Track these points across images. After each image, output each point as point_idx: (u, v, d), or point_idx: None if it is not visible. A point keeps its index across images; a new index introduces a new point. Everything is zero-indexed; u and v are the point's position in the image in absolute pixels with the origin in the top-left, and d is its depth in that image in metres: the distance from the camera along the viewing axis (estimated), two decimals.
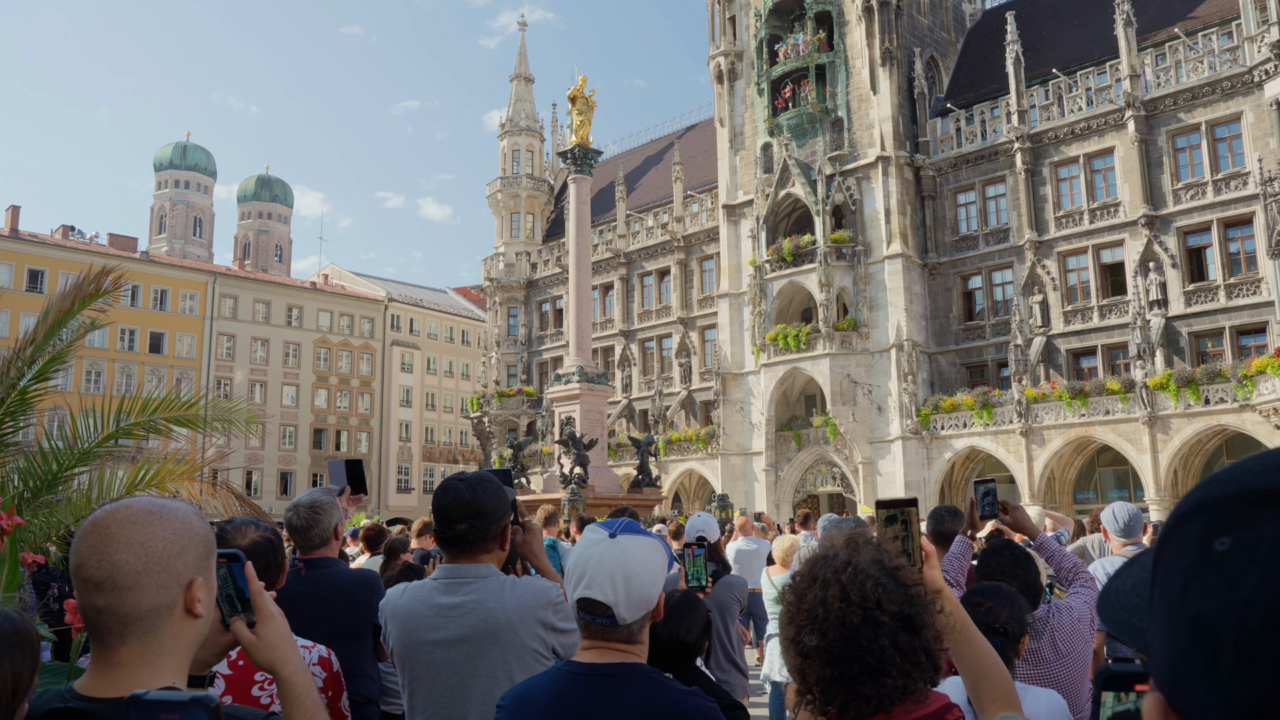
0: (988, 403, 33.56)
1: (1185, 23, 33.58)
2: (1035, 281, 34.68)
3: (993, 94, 37.30)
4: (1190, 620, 0.64)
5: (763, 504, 36.99)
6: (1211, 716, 0.62)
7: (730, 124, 42.50)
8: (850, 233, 37.22)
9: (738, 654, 6.56)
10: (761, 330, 38.54)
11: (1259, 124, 30.57)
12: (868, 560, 1.83)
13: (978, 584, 3.62)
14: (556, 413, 26.11)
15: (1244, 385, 28.43)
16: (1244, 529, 0.63)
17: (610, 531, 2.26)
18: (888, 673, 1.74)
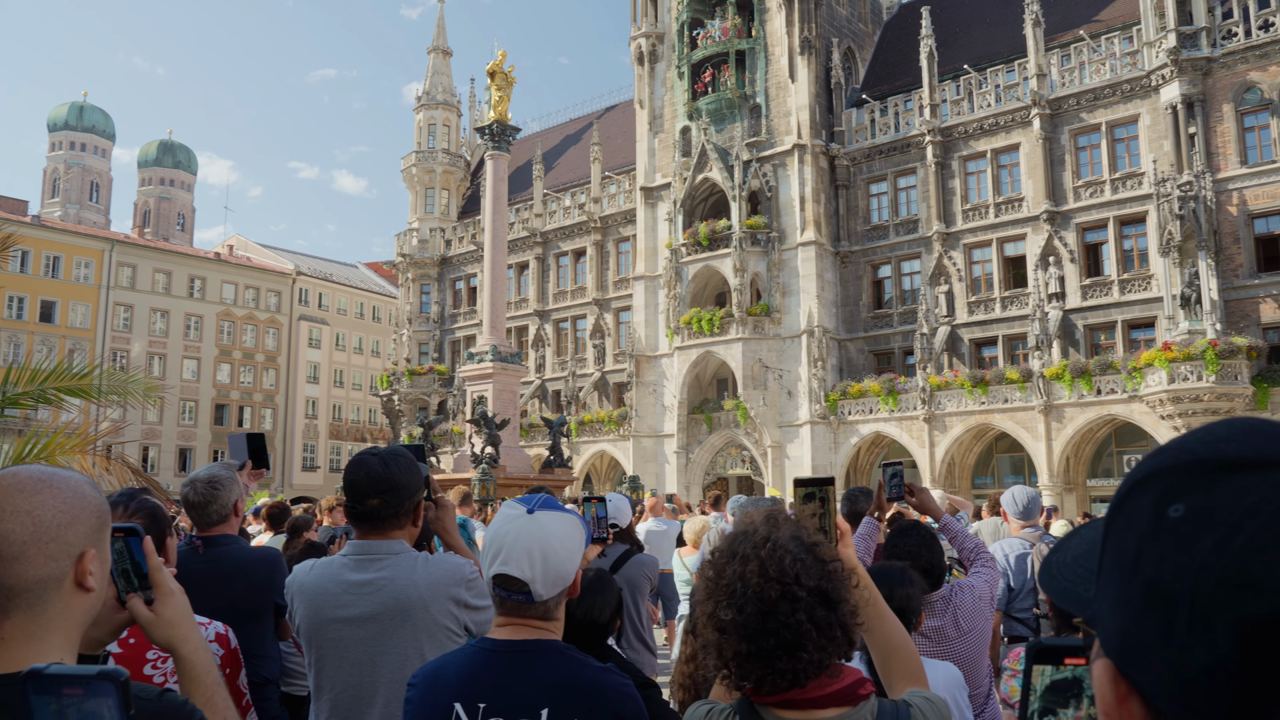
0: (893, 389, 34.38)
1: (1090, 25, 34.72)
2: (942, 272, 35.59)
3: (906, 87, 38.04)
4: (1144, 586, 0.65)
5: (673, 486, 37.29)
6: (1163, 681, 0.63)
7: (650, 106, 42.47)
8: (765, 219, 37.63)
9: (647, 633, 6.60)
10: (676, 313, 38.74)
11: (1154, 126, 31.84)
12: (787, 536, 1.84)
13: (875, 564, 3.70)
14: (468, 392, 25.83)
15: (1133, 377, 29.69)
16: (1197, 496, 0.65)
17: (528, 507, 2.24)
18: (804, 647, 1.75)
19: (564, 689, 2.15)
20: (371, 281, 75.43)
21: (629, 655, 6.20)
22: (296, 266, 68.92)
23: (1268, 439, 0.66)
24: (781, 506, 2.06)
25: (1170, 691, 0.63)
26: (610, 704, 2.17)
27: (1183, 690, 0.62)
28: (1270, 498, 0.62)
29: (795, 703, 1.80)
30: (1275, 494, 0.63)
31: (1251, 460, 0.65)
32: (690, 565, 9.16)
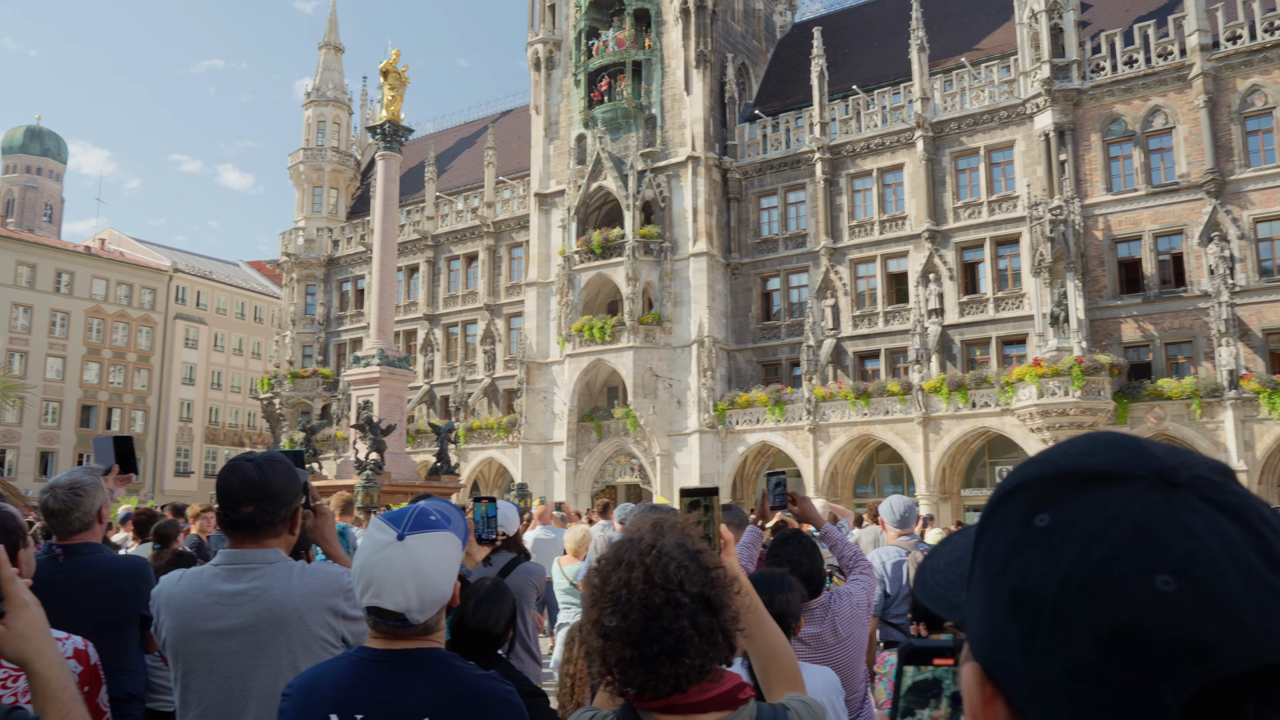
0: (780, 400, 35.07)
1: (971, 53, 36.20)
2: (828, 286, 36.50)
3: (798, 104, 38.93)
4: (1011, 592, 0.67)
5: (562, 493, 37.18)
6: (1027, 683, 0.65)
7: (546, 112, 42.37)
8: (659, 229, 37.95)
9: (533, 642, 6.54)
10: (568, 320, 38.69)
11: (1029, 152, 33.37)
12: (672, 544, 1.86)
13: (757, 571, 3.76)
14: (354, 396, 25.22)
15: (1006, 391, 31.00)
16: (1062, 507, 0.67)
17: (399, 532, 2.13)
18: (686, 653, 1.77)
19: (445, 697, 2.11)
20: (254, 281, 73.01)
21: (515, 665, 6.14)
22: (174, 263, 66.21)
23: (1126, 452, 0.69)
24: (670, 515, 2.07)
25: (1033, 694, 0.65)
26: (493, 711, 2.14)
27: (1044, 693, 0.64)
28: (1128, 509, 0.65)
29: (677, 707, 1.81)
30: (1132, 506, 0.65)
31: (1111, 473, 0.67)
32: (570, 574, 9.13)
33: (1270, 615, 0.60)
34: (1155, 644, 0.60)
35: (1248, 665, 0.59)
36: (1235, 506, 0.66)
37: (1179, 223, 30.76)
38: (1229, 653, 0.59)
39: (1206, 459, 0.70)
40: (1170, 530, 0.63)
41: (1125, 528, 0.64)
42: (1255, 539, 0.64)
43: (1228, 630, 0.60)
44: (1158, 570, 0.61)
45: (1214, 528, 0.64)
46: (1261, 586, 0.61)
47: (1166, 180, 31.20)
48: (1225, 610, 0.60)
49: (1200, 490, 0.66)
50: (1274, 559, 0.63)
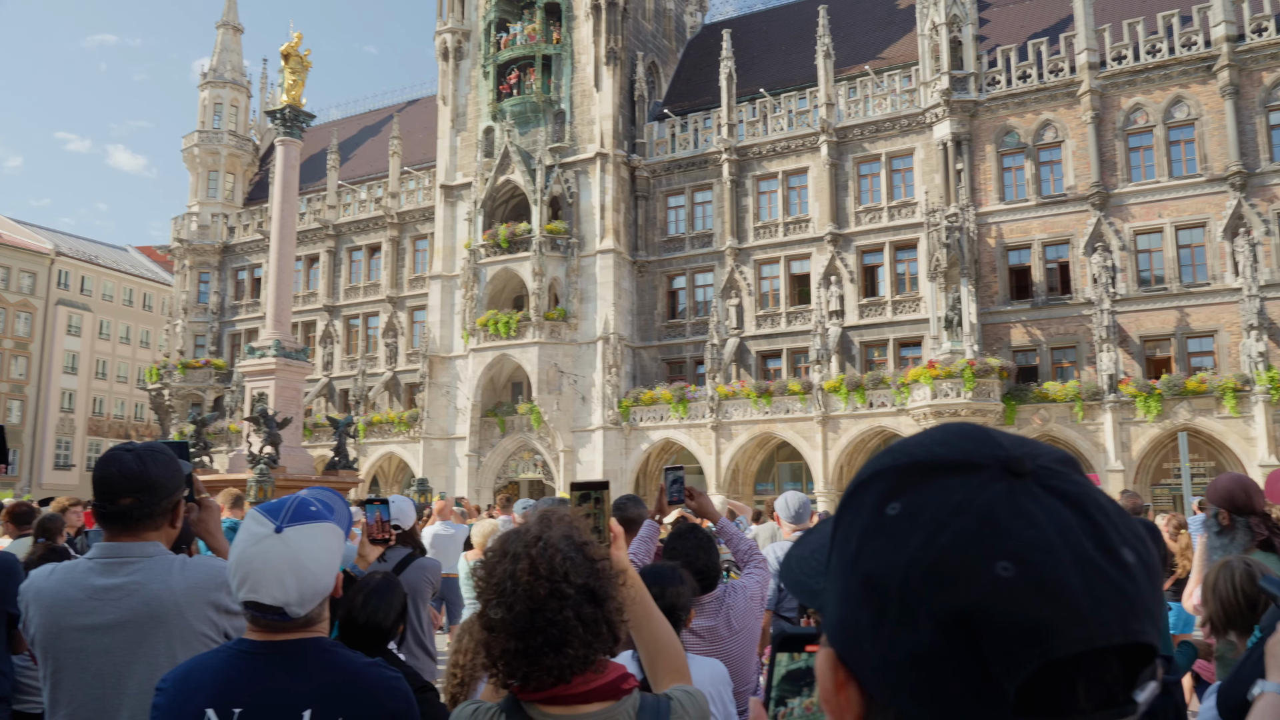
0: (684, 397, 35.38)
1: (875, 61, 37.07)
2: (733, 286, 36.96)
3: (706, 105, 39.29)
4: (862, 579, 0.69)
5: (464, 489, 36.82)
6: (875, 668, 0.67)
7: (454, 103, 41.84)
8: (566, 225, 37.86)
9: (427, 638, 6.49)
10: (473, 315, 38.31)
11: (928, 160, 34.37)
12: (559, 536, 1.87)
13: (648, 565, 3.80)
14: (248, 388, 24.48)
15: (901, 392, 31.88)
16: (912, 495, 0.69)
17: (276, 524, 2.08)
18: (570, 644, 1.78)
19: (329, 687, 2.08)
20: (144, 267, 70.23)
21: (408, 661, 6.07)
22: (56, 246, 63.20)
23: (975, 443, 0.72)
24: (558, 507, 2.08)
25: (881, 678, 0.67)
26: (378, 700, 2.11)
27: (891, 677, 0.66)
28: (973, 498, 0.67)
29: (561, 698, 1.83)
30: (977, 495, 0.67)
31: (960, 463, 0.70)
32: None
33: (1100, 600, 0.63)
34: (993, 628, 0.62)
35: (1079, 648, 0.62)
36: (1074, 495, 0.68)
37: (1066, 233, 32.08)
38: (1061, 636, 0.61)
39: (1051, 449, 0.74)
40: (1012, 518, 0.65)
41: (970, 516, 0.66)
42: (1091, 526, 0.66)
43: (1061, 614, 0.62)
44: (998, 557, 0.63)
45: (1053, 516, 0.66)
46: (1094, 572, 0.63)
47: (1055, 192, 32.50)
48: (1059, 595, 0.62)
49: (1042, 479, 0.69)
50: (1107, 546, 0.66)
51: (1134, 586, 0.65)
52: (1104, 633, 0.63)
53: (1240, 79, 30.23)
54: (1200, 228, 30.49)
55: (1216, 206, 30.19)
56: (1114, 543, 0.66)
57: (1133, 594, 0.65)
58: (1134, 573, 0.66)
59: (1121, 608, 0.64)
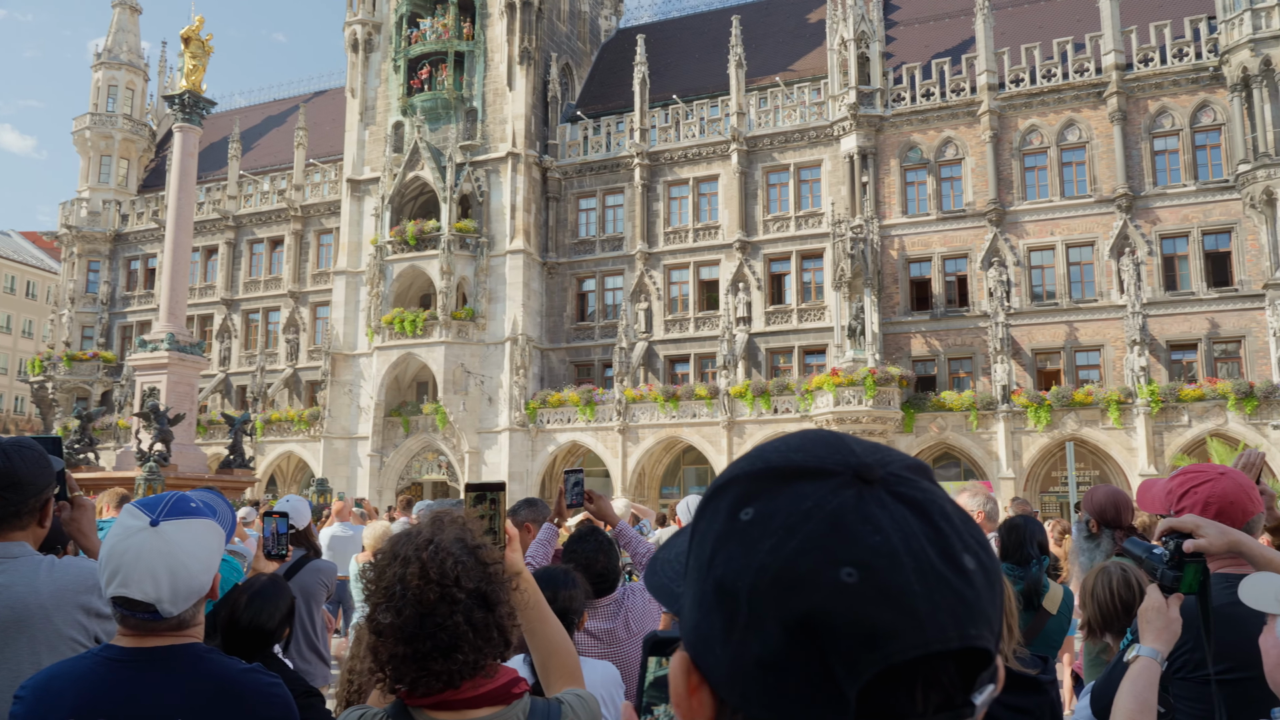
0: (591, 400, 35.36)
1: (785, 73, 37.69)
2: (643, 290, 37.11)
3: (619, 109, 39.39)
4: (715, 584, 0.69)
5: (366, 490, 36.10)
6: (724, 671, 0.67)
7: (362, 96, 41.04)
8: (476, 223, 37.48)
9: (321, 642, 6.32)
10: (378, 312, 37.61)
11: (834, 172, 35.08)
12: (451, 539, 1.83)
13: (541, 568, 3.78)
14: (139, 383, 23.55)
15: (806, 398, 32.46)
16: (765, 500, 0.69)
17: (152, 517, 2.00)
18: (460, 649, 1.75)
19: (203, 695, 1.98)
20: (27, 253, 67.02)
21: (299, 666, 5.90)
22: None
23: (829, 449, 0.73)
24: (452, 509, 2.04)
25: (731, 683, 0.67)
26: (254, 709, 2.03)
27: (740, 681, 0.66)
28: (823, 505, 0.68)
29: (450, 704, 1.79)
30: (828, 500, 0.68)
31: (813, 469, 0.70)
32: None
33: (939, 606, 0.64)
34: (836, 633, 0.63)
35: (917, 652, 0.63)
36: (921, 502, 0.69)
37: (965, 247, 33.11)
38: (900, 640, 0.62)
39: (903, 457, 0.75)
40: (859, 525, 0.66)
41: (818, 522, 0.66)
42: (935, 533, 0.67)
43: (900, 620, 0.63)
44: (843, 563, 0.64)
45: (899, 523, 0.67)
46: (934, 579, 0.65)
47: (955, 207, 33.52)
48: (899, 601, 0.63)
49: (891, 486, 0.70)
50: (949, 553, 0.67)
51: (973, 593, 0.66)
52: (941, 638, 0.63)
53: (1128, 106, 31.67)
54: (1089, 246, 31.81)
55: (1104, 226, 31.55)
56: (956, 550, 0.67)
57: (971, 600, 0.66)
58: (974, 579, 0.67)
59: (959, 613, 0.65)
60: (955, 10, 36.77)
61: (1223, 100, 30.66)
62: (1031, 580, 4.92)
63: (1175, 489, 2.94)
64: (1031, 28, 34.85)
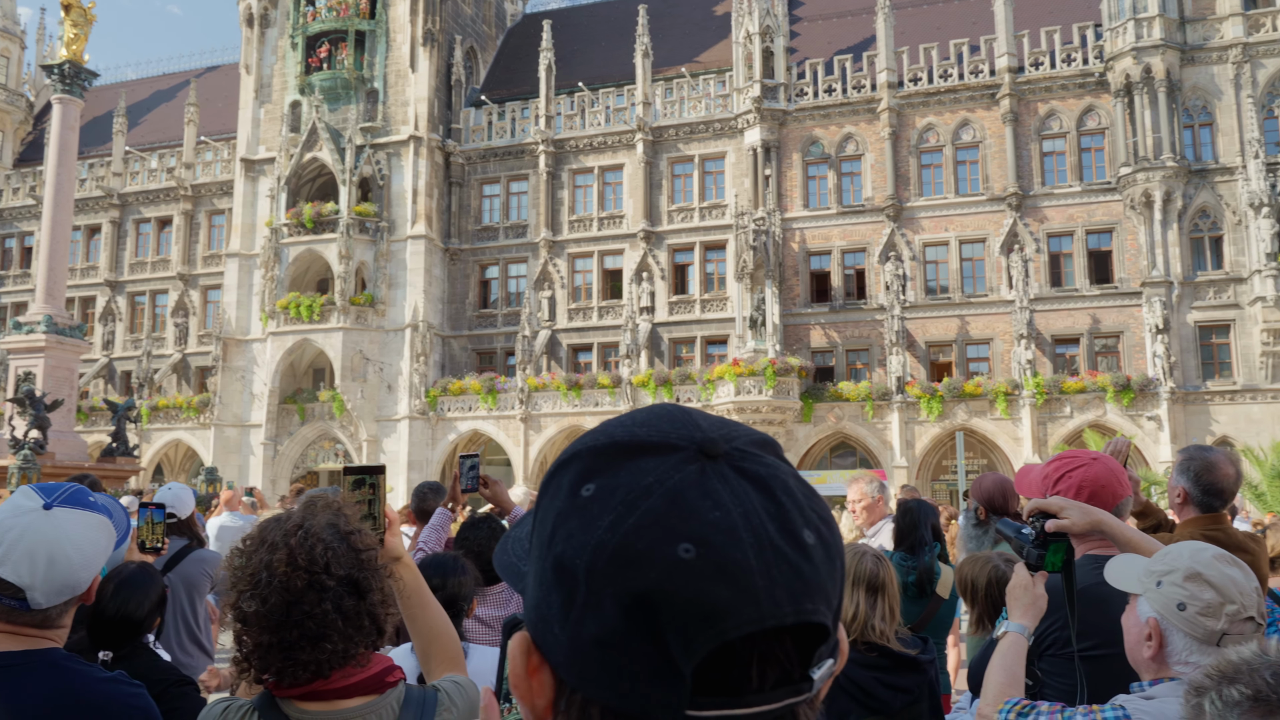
0: (493, 388, 35.05)
1: (691, 65, 37.88)
2: (546, 278, 36.91)
3: (525, 95, 39.02)
4: (554, 561, 0.67)
5: (259, 479, 35.08)
6: (562, 650, 0.66)
7: (258, 73, 39.72)
8: (376, 207, 36.70)
9: (203, 634, 6.10)
10: (273, 296, 36.52)
11: (738, 164, 35.44)
12: (322, 524, 1.77)
13: (431, 555, 3.72)
14: (13, 366, 22.37)
15: (707, 388, 32.78)
16: (606, 476, 0.68)
17: (46, 500, 1.91)
18: (329, 638, 1.69)
19: (56, 707, 1.87)
20: None
21: (180, 659, 5.69)
22: None
23: (673, 424, 0.71)
24: (326, 494, 1.98)
25: (568, 661, 0.66)
26: (115, 719, 1.93)
27: (578, 660, 0.65)
28: (663, 480, 0.66)
29: (319, 694, 1.73)
30: (669, 476, 0.67)
31: (656, 443, 0.69)
32: None
33: (776, 581, 0.63)
34: (672, 609, 0.62)
35: (752, 628, 0.62)
36: (764, 477, 0.68)
37: (863, 241, 33.86)
38: (736, 616, 0.62)
39: (750, 432, 0.73)
40: (699, 500, 0.65)
41: (658, 498, 0.65)
42: (776, 509, 0.67)
43: (737, 595, 0.62)
44: (681, 539, 0.63)
45: (740, 498, 0.66)
46: (772, 554, 0.64)
47: (855, 202, 34.24)
48: (736, 577, 0.62)
49: (735, 462, 0.68)
50: (789, 528, 0.66)
51: (811, 568, 0.66)
52: (777, 613, 0.63)
53: (1019, 108, 32.80)
54: (981, 243, 32.88)
55: (995, 224, 32.65)
56: (796, 525, 0.67)
57: (809, 575, 0.65)
58: (813, 554, 0.66)
59: (796, 588, 0.64)
60: (858, 8, 37.48)
61: (1107, 105, 32.02)
62: (924, 568, 5.02)
63: (1051, 474, 3.05)
64: (930, 28, 35.77)
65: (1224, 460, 3.70)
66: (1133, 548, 2.51)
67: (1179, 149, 30.48)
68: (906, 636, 3.42)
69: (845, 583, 3.39)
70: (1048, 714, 2.24)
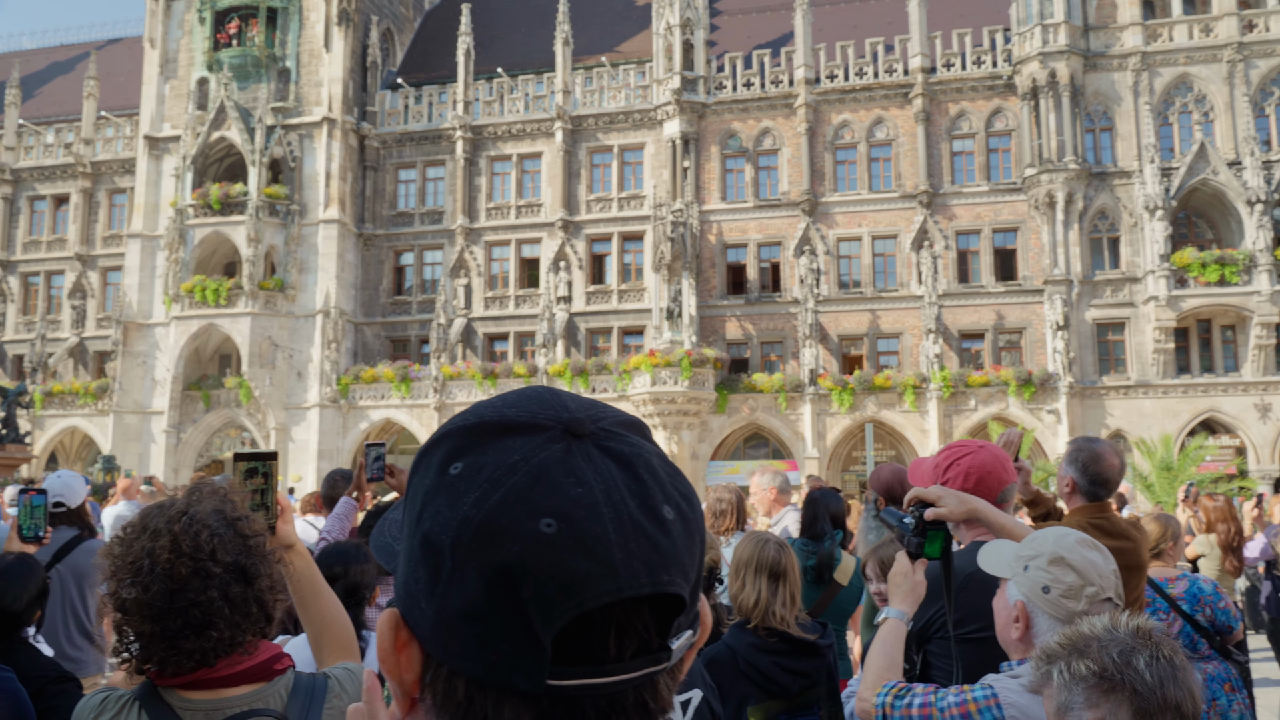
0: (407, 377, 34.56)
1: (612, 54, 37.81)
2: (463, 265, 36.50)
3: (442, 79, 38.46)
4: (422, 538, 0.69)
5: (160, 468, 34.00)
6: (429, 624, 0.68)
7: (163, 47, 38.32)
8: (287, 190, 35.79)
9: (94, 626, 5.90)
10: (177, 279, 35.36)
11: (657, 156, 35.54)
12: (208, 510, 1.73)
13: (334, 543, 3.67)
14: None
15: (623, 378, 32.86)
16: (474, 455, 0.70)
17: None
18: (215, 625, 1.65)
19: None
20: None
21: (69, 652, 5.50)
22: None
23: (542, 405, 0.74)
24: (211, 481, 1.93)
25: (435, 635, 0.68)
26: None
27: (444, 634, 0.67)
28: (529, 457, 0.69)
29: (204, 683, 1.70)
30: (535, 454, 0.69)
31: (524, 423, 0.71)
32: None
33: (634, 554, 0.66)
34: (534, 581, 0.64)
35: (610, 598, 0.65)
36: (628, 456, 0.71)
37: (779, 235, 34.30)
38: (594, 587, 0.64)
39: (618, 414, 0.76)
40: (562, 477, 0.68)
41: (523, 475, 0.68)
42: (638, 485, 0.69)
43: (595, 568, 0.65)
44: (544, 514, 0.66)
45: (603, 475, 0.68)
46: (631, 528, 0.67)
47: (771, 196, 34.65)
48: (595, 550, 0.65)
49: (600, 441, 0.71)
50: (649, 504, 0.69)
51: (669, 542, 0.68)
52: (634, 584, 0.65)
53: (931, 107, 33.57)
54: (893, 239, 33.60)
55: (907, 220, 33.39)
56: (656, 501, 0.69)
57: (667, 549, 0.68)
58: (671, 529, 0.69)
59: (653, 561, 0.67)
60: (777, 4, 37.88)
61: (1014, 107, 32.99)
62: (824, 555, 5.14)
63: (941, 463, 3.15)
64: (847, 26, 36.34)
65: (1110, 451, 3.86)
66: (1007, 534, 2.61)
67: (1081, 152, 31.59)
68: (807, 622, 3.50)
69: (749, 570, 3.46)
70: (922, 695, 2.33)
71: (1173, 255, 29.83)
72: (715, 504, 6.20)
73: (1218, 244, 31.03)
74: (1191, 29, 31.90)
